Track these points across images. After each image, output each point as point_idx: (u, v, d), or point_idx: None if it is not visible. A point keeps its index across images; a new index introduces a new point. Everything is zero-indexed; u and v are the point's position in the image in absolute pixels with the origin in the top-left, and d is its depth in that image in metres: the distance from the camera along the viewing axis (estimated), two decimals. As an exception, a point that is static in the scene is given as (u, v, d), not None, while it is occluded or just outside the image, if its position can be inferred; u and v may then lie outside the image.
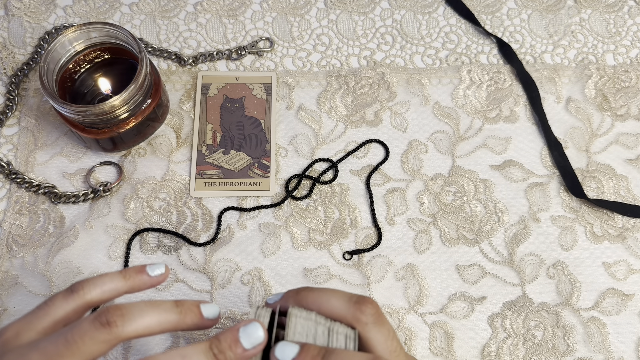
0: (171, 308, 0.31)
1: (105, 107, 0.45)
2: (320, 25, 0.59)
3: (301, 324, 0.31)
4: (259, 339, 0.29)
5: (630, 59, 0.57)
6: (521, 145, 0.53)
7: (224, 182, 0.51)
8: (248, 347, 0.29)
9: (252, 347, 0.29)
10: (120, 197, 0.50)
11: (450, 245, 0.49)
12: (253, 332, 0.29)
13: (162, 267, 0.34)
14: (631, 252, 0.49)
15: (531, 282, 0.48)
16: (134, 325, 0.29)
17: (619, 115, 0.55)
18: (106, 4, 0.59)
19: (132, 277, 0.33)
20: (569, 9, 0.60)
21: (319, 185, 0.51)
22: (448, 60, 0.57)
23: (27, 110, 0.54)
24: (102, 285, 0.32)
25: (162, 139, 0.53)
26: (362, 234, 0.50)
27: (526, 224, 0.50)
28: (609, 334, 0.47)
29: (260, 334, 0.29)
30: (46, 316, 0.30)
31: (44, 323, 0.30)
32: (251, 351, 0.29)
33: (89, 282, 0.32)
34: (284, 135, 0.53)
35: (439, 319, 0.47)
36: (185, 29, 0.58)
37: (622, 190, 0.52)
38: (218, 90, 0.55)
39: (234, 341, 0.29)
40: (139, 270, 0.33)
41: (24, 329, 0.30)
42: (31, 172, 0.51)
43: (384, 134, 0.54)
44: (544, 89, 0.56)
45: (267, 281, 0.48)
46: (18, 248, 0.48)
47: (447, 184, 0.51)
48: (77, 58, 0.50)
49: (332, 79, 0.55)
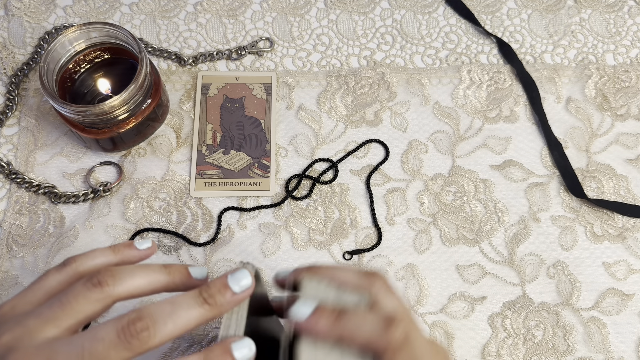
0: (160, 269, 0.32)
1: (105, 107, 0.45)
2: (320, 25, 0.59)
3: (314, 288, 0.32)
4: (247, 283, 0.30)
5: (630, 59, 0.57)
6: (521, 145, 0.53)
7: (224, 182, 0.51)
8: (238, 290, 0.30)
9: (241, 290, 0.30)
10: (120, 197, 0.50)
11: (451, 245, 0.49)
12: (241, 277, 0.30)
13: (149, 242, 0.35)
14: (631, 252, 0.49)
15: (531, 282, 0.48)
16: (125, 284, 0.30)
17: (619, 115, 0.55)
18: (106, 4, 0.59)
19: (121, 251, 0.34)
20: (569, 9, 0.60)
21: (319, 185, 0.51)
22: (448, 60, 0.57)
23: (27, 110, 0.54)
24: (93, 259, 0.33)
25: (162, 139, 0.53)
26: (362, 234, 0.50)
27: (526, 223, 0.50)
28: (609, 333, 0.47)
29: (249, 278, 0.30)
30: (40, 289, 0.31)
31: (39, 295, 0.31)
32: (240, 295, 0.30)
33: (81, 255, 0.33)
34: (284, 135, 0.53)
35: (439, 318, 0.47)
36: (185, 29, 0.58)
37: (622, 190, 0.52)
38: (218, 90, 0.55)
39: (223, 285, 0.30)
40: (128, 245, 0.35)
41: (19, 302, 0.31)
42: (31, 172, 0.51)
43: (384, 134, 0.54)
44: (544, 89, 0.56)
45: (267, 281, 0.48)
46: (18, 248, 0.48)
47: (447, 184, 0.51)
48: (77, 58, 0.50)
49: (332, 79, 0.55)
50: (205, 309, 0.29)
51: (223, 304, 0.30)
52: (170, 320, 0.28)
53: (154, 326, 0.28)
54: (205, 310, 0.29)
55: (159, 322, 0.28)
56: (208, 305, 0.29)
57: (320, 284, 0.32)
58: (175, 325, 0.28)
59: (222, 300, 0.30)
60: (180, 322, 0.29)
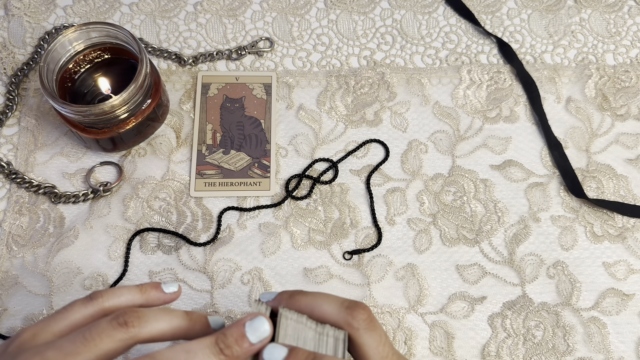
0: (183, 316, 0.32)
1: (105, 107, 0.45)
2: (320, 25, 0.59)
3: (292, 326, 0.31)
4: (265, 333, 0.29)
5: (630, 59, 0.57)
6: (521, 145, 0.53)
7: (224, 182, 0.51)
8: (255, 341, 0.29)
9: (259, 341, 0.29)
10: (120, 197, 0.50)
11: (451, 245, 0.49)
12: (259, 326, 0.29)
13: (175, 285, 0.35)
14: (631, 252, 0.49)
15: (531, 282, 0.48)
16: (149, 327, 0.30)
17: (619, 115, 0.55)
18: (106, 4, 0.59)
19: (148, 291, 0.34)
20: (569, 8, 0.60)
21: (319, 185, 0.51)
22: (448, 60, 0.57)
23: (27, 110, 0.54)
24: (120, 296, 0.33)
25: (162, 139, 0.53)
26: (362, 233, 0.50)
27: (526, 223, 0.50)
28: (609, 334, 0.47)
29: (267, 327, 0.30)
30: (64, 319, 0.31)
31: (61, 326, 0.31)
32: (257, 345, 0.29)
33: (108, 291, 0.33)
34: (284, 135, 0.53)
35: (439, 318, 0.47)
36: (185, 29, 0.58)
37: (622, 190, 0.52)
38: (218, 90, 0.55)
39: (241, 336, 0.29)
40: (155, 286, 0.35)
41: (41, 331, 0.31)
42: (31, 172, 0.51)
43: (384, 134, 0.54)
44: (544, 89, 0.56)
45: (267, 281, 0.48)
46: (18, 248, 0.48)
47: (447, 184, 0.51)
48: (77, 58, 0.50)
49: (332, 79, 0.55)
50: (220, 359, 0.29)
51: (240, 356, 0.29)
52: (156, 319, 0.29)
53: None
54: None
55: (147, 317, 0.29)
56: (224, 356, 0.29)
57: (300, 319, 0.31)
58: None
59: (239, 351, 0.29)
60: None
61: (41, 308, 0.46)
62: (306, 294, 0.33)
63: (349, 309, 0.31)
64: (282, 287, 0.48)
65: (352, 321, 0.31)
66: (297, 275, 0.48)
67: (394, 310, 0.47)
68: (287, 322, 0.31)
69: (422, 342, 0.46)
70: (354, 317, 0.31)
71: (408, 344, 0.46)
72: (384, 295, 0.47)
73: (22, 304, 0.47)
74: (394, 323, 0.47)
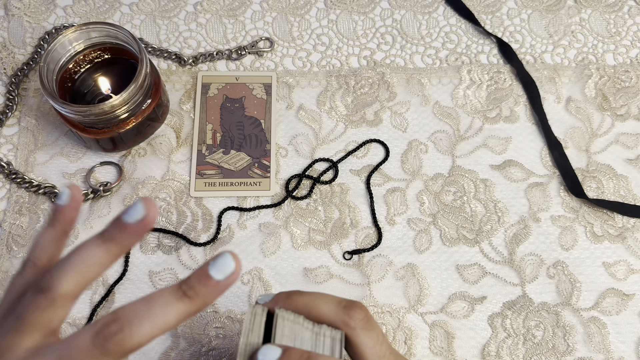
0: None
1: (105, 107, 0.45)
2: (320, 25, 0.59)
3: (289, 326, 0.31)
4: (229, 268, 0.27)
5: (630, 59, 0.57)
6: (521, 145, 0.53)
7: (224, 182, 0.51)
8: (220, 278, 0.27)
9: (224, 277, 0.27)
10: (121, 197, 0.50)
11: (451, 245, 0.49)
12: (223, 263, 0.27)
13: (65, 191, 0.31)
14: (631, 252, 0.49)
15: (531, 282, 0.48)
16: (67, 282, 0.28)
17: (619, 115, 0.55)
18: (106, 4, 0.59)
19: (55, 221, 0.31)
20: (569, 8, 0.60)
21: (319, 185, 0.51)
22: (448, 60, 0.57)
23: (27, 110, 0.54)
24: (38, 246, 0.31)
25: (162, 139, 0.53)
26: (362, 233, 0.50)
27: (526, 223, 0.50)
28: (609, 334, 0.47)
29: (231, 263, 0.27)
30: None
31: None
32: (224, 283, 0.27)
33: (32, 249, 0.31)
34: (284, 135, 0.53)
35: (439, 318, 0.47)
36: (185, 29, 0.58)
37: (622, 190, 0.52)
38: (218, 90, 0.55)
39: (204, 275, 0.27)
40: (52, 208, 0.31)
41: None
42: (31, 172, 0.51)
43: (384, 133, 0.54)
44: (544, 88, 0.56)
45: (267, 281, 0.48)
46: (18, 248, 0.48)
47: (447, 184, 0.51)
48: (77, 58, 0.50)
49: (332, 79, 0.55)
50: (185, 303, 0.27)
51: (206, 295, 0.27)
52: (147, 320, 0.26)
53: (130, 327, 0.26)
54: (186, 305, 0.27)
55: (134, 323, 0.26)
56: (188, 298, 0.27)
57: (297, 319, 0.31)
58: (153, 325, 0.26)
59: (204, 291, 0.27)
60: (159, 321, 0.26)
61: (41, 308, 0.46)
62: (303, 294, 0.32)
63: (346, 309, 0.31)
64: (282, 287, 0.48)
65: (349, 321, 0.31)
66: (297, 275, 0.48)
67: (394, 310, 0.47)
68: (283, 322, 0.31)
69: (422, 342, 0.46)
70: (351, 316, 0.31)
71: (408, 343, 0.46)
72: (384, 295, 0.47)
73: (22, 304, 0.46)
74: (394, 323, 0.47)
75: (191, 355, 0.45)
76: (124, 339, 0.26)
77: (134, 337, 0.26)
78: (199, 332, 0.46)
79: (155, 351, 0.45)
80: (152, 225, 0.28)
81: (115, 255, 0.28)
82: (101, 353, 0.25)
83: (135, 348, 0.26)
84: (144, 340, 0.26)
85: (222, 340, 0.46)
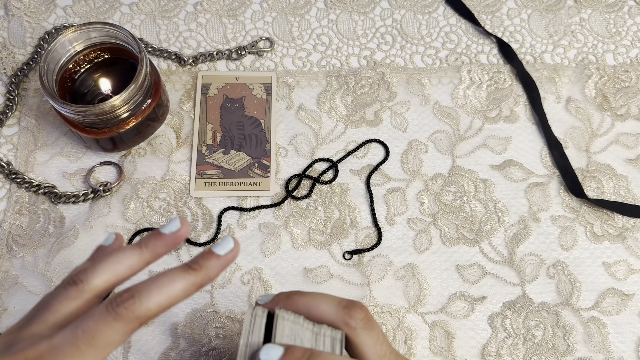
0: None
1: (105, 107, 0.45)
2: (320, 25, 0.59)
3: (289, 327, 0.31)
4: (230, 246, 0.31)
5: (630, 59, 0.57)
6: (521, 145, 0.53)
7: (224, 182, 0.51)
8: (222, 253, 0.31)
9: (225, 252, 0.31)
10: (120, 197, 0.50)
11: (451, 245, 0.49)
12: (224, 242, 0.31)
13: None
14: (631, 252, 0.49)
15: (531, 282, 0.48)
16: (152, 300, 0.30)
17: (619, 115, 0.55)
18: (106, 4, 0.59)
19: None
20: (569, 8, 0.60)
21: (319, 185, 0.51)
22: (448, 60, 0.57)
23: (27, 110, 0.54)
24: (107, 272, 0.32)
25: (162, 139, 0.53)
26: (362, 233, 0.50)
27: (526, 223, 0.50)
28: (609, 334, 0.47)
29: (231, 243, 0.31)
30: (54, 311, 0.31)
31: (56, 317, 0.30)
32: (225, 257, 0.31)
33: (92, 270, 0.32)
34: (284, 135, 0.53)
35: (439, 318, 0.47)
36: (185, 29, 0.58)
37: (622, 190, 0.52)
38: (218, 90, 0.55)
39: (207, 251, 0.31)
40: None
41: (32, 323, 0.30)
42: (31, 172, 0.51)
43: (384, 133, 0.54)
44: (544, 88, 0.56)
45: (267, 281, 0.48)
46: (18, 248, 0.48)
47: (447, 184, 0.51)
48: (77, 58, 0.50)
49: (332, 79, 0.55)
50: (190, 274, 0.30)
51: (209, 267, 0.30)
52: (156, 288, 0.29)
53: (139, 295, 0.28)
54: (191, 276, 0.30)
55: (143, 292, 0.29)
56: (193, 270, 0.30)
57: (297, 320, 0.31)
58: (161, 293, 0.29)
59: (207, 263, 0.30)
60: (167, 289, 0.29)
61: (41, 308, 0.46)
62: (303, 294, 0.33)
63: (346, 309, 0.31)
64: (282, 287, 0.48)
65: (350, 320, 0.31)
66: (297, 275, 0.48)
67: (394, 310, 0.47)
68: (284, 323, 0.31)
69: (422, 342, 0.46)
70: (351, 316, 0.31)
71: (408, 343, 0.46)
72: (384, 295, 0.47)
73: (22, 304, 0.47)
74: (394, 323, 0.47)
75: (191, 355, 0.45)
76: (134, 303, 0.28)
77: (143, 304, 0.28)
78: (199, 332, 0.46)
79: (155, 351, 0.45)
80: (182, 240, 0.32)
81: (146, 261, 0.31)
82: (114, 319, 0.28)
83: (146, 315, 0.28)
84: (153, 308, 0.29)
85: (222, 340, 0.46)
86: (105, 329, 0.28)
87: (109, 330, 0.28)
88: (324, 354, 0.29)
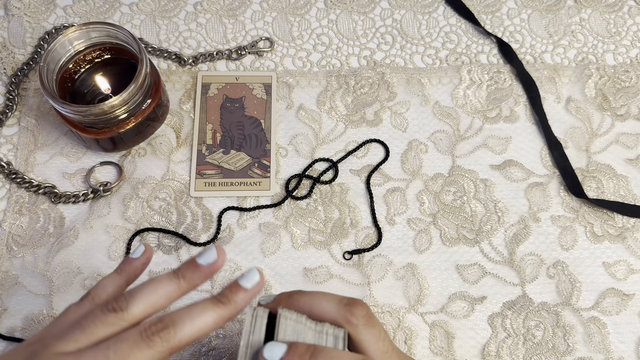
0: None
1: (105, 107, 0.45)
2: (320, 25, 0.59)
3: (291, 326, 0.31)
4: (256, 280, 0.32)
5: (630, 58, 0.57)
6: (521, 145, 0.53)
7: (224, 182, 0.51)
8: (249, 286, 0.32)
9: (252, 286, 0.32)
10: (120, 197, 0.50)
11: (451, 245, 0.49)
12: (251, 276, 0.32)
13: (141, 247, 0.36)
14: (631, 252, 0.49)
15: (531, 282, 0.48)
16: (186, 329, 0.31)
17: (619, 115, 0.55)
18: (106, 4, 0.59)
19: (124, 270, 0.35)
20: (569, 8, 0.60)
21: (319, 185, 0.51)
22: (448, 60, 0.57)
23: (27, 110, 0.54)
24: (104, 288, 0.34)
25: (162, 139, 0.53)
26: (362, 233, 0.50)
27: (526, 223, 0.50)
28: (609, 334, 0.47)
29: (257, 276, 0.32)
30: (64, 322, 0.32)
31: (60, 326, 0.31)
32: (252, 290, 0.32)
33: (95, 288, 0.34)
34: (284, 135, 0.53)
35: (439, 318, 0.47)
36: (185, 29, 0.58)
37: (622, 190, 0.52)
38: (218, 90, 0.55)
39: (235, 285, 0.32)
40: (126, 261, 0.35)
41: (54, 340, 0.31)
42: (31, 172, 0.51)
43: (384, 133, 0.54)
44: (544, 88, 0.56)
45: (267, 281, 0.48)
46: (18, 248, 0.48)
47: (447, 184, 0.51)
48: (77, 58, 0.50)
49: (332, 79, 0.55)
50: (220, 307, 0.31)
51: (237, 301, 0.31)
52: (189, 320, 0.30)
53: (174, 325, 0.29)
54: (221, 309, 0.31)
55: (177, 322, 0.30)
56: (222, 304, 0.31)
57: (299, 319, 0.31)
58: (193, 325, 0.30)
59: (235, 297, 0.31)
60: (199, 322, 0.30)
61: (41, 308, 0.46)
62: (304, 293, 0.33)
63: (348, 306, 0.32)
64: (282, 287, 0.48)
65: (351, 318, 0.31)
66: (297, 275, 0.48)
67: (394, 309, 0.47)
68: (286, 322, 0.31)
69: (422, 342, 0.46)
70: (352, 313, 0.31)
71: (408, 343, 0.46)
72: (384, 295, 0.47)
73: (22, 304, 0.47)
74: (394, 323, 0.47)
75: (191, 355, 0.45)
76: (169, 334, 0.29)
77: (177, 334, 0.29)
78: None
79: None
80: (219, 269, 0.33)
81: (184, 291, 0.33)
82: (148, 346, 0.29)
83: (177, 346, 0.30)
84: (185, 339, 0.30)
85: (222, 340, 0.46)
86: (138, 355, 0.28)
87: (141, 356, 0.28)
88: (327, 349, 0.30)
